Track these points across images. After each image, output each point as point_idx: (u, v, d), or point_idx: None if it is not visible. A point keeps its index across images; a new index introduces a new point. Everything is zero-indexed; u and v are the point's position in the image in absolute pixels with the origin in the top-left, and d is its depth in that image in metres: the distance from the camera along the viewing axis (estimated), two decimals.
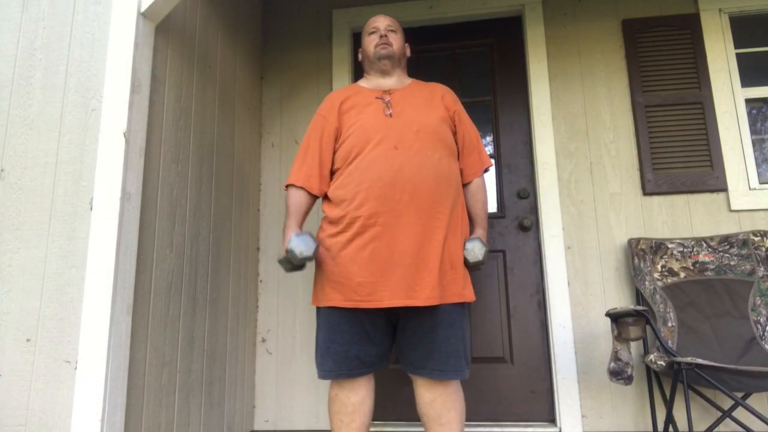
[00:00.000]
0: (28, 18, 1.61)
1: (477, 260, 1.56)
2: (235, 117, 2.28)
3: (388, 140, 1.56)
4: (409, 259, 1.46)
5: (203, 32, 1.98)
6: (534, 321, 2.28)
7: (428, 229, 1.50)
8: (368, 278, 1.47)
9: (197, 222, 1.86)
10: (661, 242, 2.13)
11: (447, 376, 1.48)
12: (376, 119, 1.61)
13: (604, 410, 2.10)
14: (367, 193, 1.51)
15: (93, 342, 1.32)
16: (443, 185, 1.55)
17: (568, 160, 2.33)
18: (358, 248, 1.49)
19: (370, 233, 1.49)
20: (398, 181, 1.51)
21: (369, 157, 1.55)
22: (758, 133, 2.31)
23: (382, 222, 1.49)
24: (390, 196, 1.50)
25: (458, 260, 1.54)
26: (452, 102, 1.72)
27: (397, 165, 1.52)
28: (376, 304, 1.46)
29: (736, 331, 1.95)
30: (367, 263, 1.47)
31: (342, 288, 1.49)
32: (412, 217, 1.49)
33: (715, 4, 2.37)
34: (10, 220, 1.47)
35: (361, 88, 1.73)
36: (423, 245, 1.48)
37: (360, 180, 1.53)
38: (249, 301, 2.33)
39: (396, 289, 1.45)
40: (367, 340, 1.52)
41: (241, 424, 2.19)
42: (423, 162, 1.54)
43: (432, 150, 1.57)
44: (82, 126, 1.50)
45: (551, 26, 2.48)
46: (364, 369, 1.53)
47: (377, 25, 1.77)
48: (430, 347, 1.49)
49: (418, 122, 1.60)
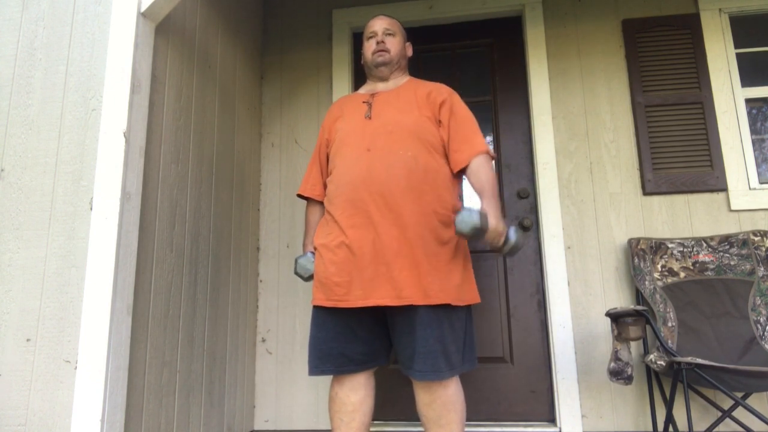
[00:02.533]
0: (28, 18, 1.60)
1: (473, 228, 1.39)
2: (235, 117, 2.28)
3: (362, 143, 1.59)
4: (383, 258, 1.48)
5: (203, 32, 1.98)
6: (534, 321, 2.28)
7: (402, 228, 1.49)
8: (344, 278, 1.50)
9: (197, 222, 1.86)
10: (661, 242, 2.13)
11: (427, 376, 1.44)
12: (355, 123, 1.66)
13: (604, 410, 2.10)
14: (343, 197, 1.56)
15: (93, 342, 1.32)
16: (418, 182, 1.53)
17: (568, 160, 2.33)
18: (336, 249, 1.53)
19: (347, 234, 1.52)
20: (369, 182, 1.53)
21: (345, 162, 1.60)
22: (758, 133, 2.31)
23: (356, 224, 1.52)
24: (362, 198, 1.53)
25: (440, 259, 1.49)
26: (440, 96, 1.66)
27: (367, 166, 1.55)
28: (352, 303, 1.48)
29: (736, 331, 1.95)
30: (342, 263, 1.51)
31: (324, 288, 1.54)
32: (385, 217, 1.50)
33: (715, 4, 2.37)
34: (10, 220, 1.47)
35: (356, 95, 1.78)
36: (396, 245, 1.48)
37: (337, 184, 1.60)
38: (249, 301, 2.33)
39: (369, 288, 1.47)
40: (353, 338, 1.53)
41: (241, 424, 2.19)
42: (394, 161, 1.54)
43: (404, 149, 1.56)
44: (82, 126, 1.50)
45: (551, 26, 2.48)
46: (354, 366, 1.54)
47: (375, 29, 1.76)
48: (412, 347, 1.47)
49: (394, 122, 1.61)
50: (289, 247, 2.45)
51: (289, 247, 2.45)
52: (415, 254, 1.48)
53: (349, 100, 1.77)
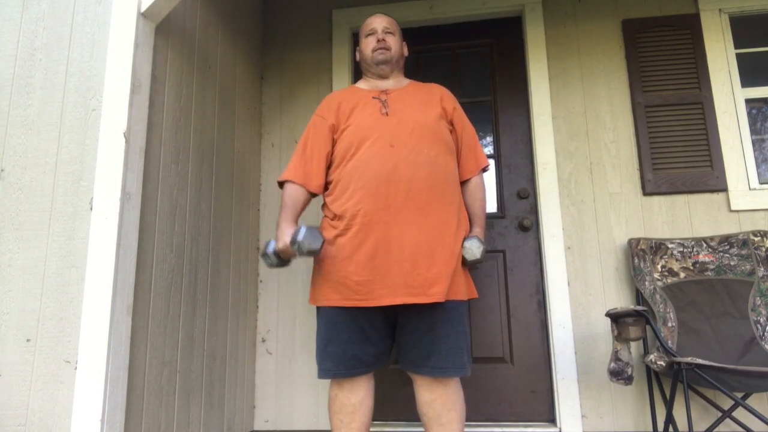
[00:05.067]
0: (28, 18, 1.61)
1: (475, 259, 1.55)
2: (235, 117, 2.28)
3: (383, 138, 1.56)
4: (407, 256, 1.47)
5: (203, 32, 1.98)
6: (534, 321, 2.28)
7: (425, 226, 1.50)
8: (366, 277, 1.47)
9: (197, 222, 1.86)
10: (661, 242, 2.13)
11: (448, 373, 1.48)
12: (372, 118, 1.62)
13: (604, 410, 2.10)
14: (363, 192, 1.52)
15: (93, 342, 1.32)
16: (440, 182, 1.55)
17: (568, 160, 2.33)
18: (356, 247, 1.50)
19: (367, 231, 1.49)
20: (393, 178, 1.51)
21: (365, 156, 1.56)
22: (758, 133, 2.31)
23: (379, 220, 1.49)
24: (386, 194, 1.50)
25: (456, 257, 1.53)
26: (450, 102, 1.72)
27: (393, 163, 1.53)
28: (374, 302, 1.46)
29: (736, 331, 1.95)
30: (364, 262, 1.48)
31: (340, 287, 1.50)
32: (409, 214, 1.50)
33: (715, 4, 2.37)
34: (10, 220, 1.47)
35: (358, 89, 1.74)
36: (420, 242, 1.48)
37: (357, 179, 1.54)
38: (249, 301, 2.33)
39: (394, 286, 1.45)
40: (365, 340, 1.52)
41: (241, 424, 2.19)
42: (418, 159, 1.54)
43: (428, 147, 1.57)
44: (82, 126, 1.50)
45: (551, 26, 2.48)
46: (362, 368, 1.53)
47: (374, 26, 1.76)
48: (430, 345, 1.48)
49: (414, 120, 1.60)
50: None
51: None
52: (440, 252, 1.49)
53: (353, 93, 1.72)
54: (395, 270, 1.46)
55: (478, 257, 1.55)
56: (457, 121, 1.71)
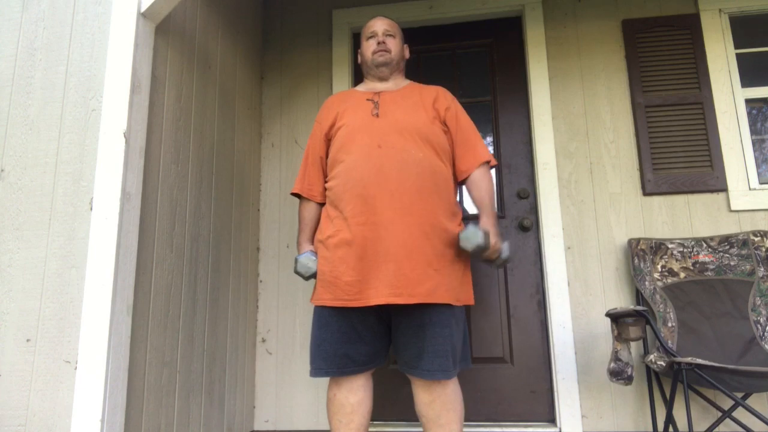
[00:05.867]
0: (28, 18, 1.61)
1: (476, 246, 1.48)
2: (235, 117, 2.28)
3: (372, 140, 1.58)
4: (392, 257, 1.47)
5: (203, 32, 1.98)
6: (534, 321, 2.28)
7: (411, 226, 1.49)
8: (355, 277, 1.48)
9: (197, 222, 1.86)
10: (661, 242, 2.13)
11: (435, 375, 1.46)
12: (362, 120, 1.64)
13: (604, 410, 2.10)
14: (351, 193, 1.54)
15: (93, 342, 1.32)
16: (428, 183, 1.54)
17: (568, 160, 2.33)
18: (346, 247, 1.51)
19: (357, 232, 1.51)
20: (380, 179, 1.52)
21: (353, 157, 1.58)
22: (758, 133, 2.31)
23: (366, 220, 1.50)
24: (373, 195, 1.51)
25: (445, 259, 1.52)
26: (444, 103, 1.70)
27: (379, 164, 1.54)
28: (363, 302, 1.47)
29: (736, 331, 1.95)
30: (354, 262, 1.49)
31: (332, 287, 1.52)
32: (395, 215, 1.50)
33: (715, 4, 2.37)
34: (10, 220, 1.47)
35: (355, 92, 1.76)
36: (405, 243, 1.48)
37: (345, 180, 1.57)
38: (249, 301, 2.33)
39: (380, 287, 1.46)
40: (357, 339, 1.52)
41: (241, 424, 2.19)
42: (405, 160, 1.54)
43: (416, 149, 1.57)
44: (82, 126, 1.50)
45: (551, 26, 2.48)
46: (355, 368, 1.53)
47: (375, 29, 1.77)
48: (420, 346, 1.48)
49: (403, 122, 1.61)
50: (289, 247, 2.45)
51: (289, 247, 2.45)
52: (425, 253, 1.48)
53: (348, 96, 1.75)
54: (382, 270, 1.47)
55: (480, 243, 1.48)
56: (450, 121, 1.69)
